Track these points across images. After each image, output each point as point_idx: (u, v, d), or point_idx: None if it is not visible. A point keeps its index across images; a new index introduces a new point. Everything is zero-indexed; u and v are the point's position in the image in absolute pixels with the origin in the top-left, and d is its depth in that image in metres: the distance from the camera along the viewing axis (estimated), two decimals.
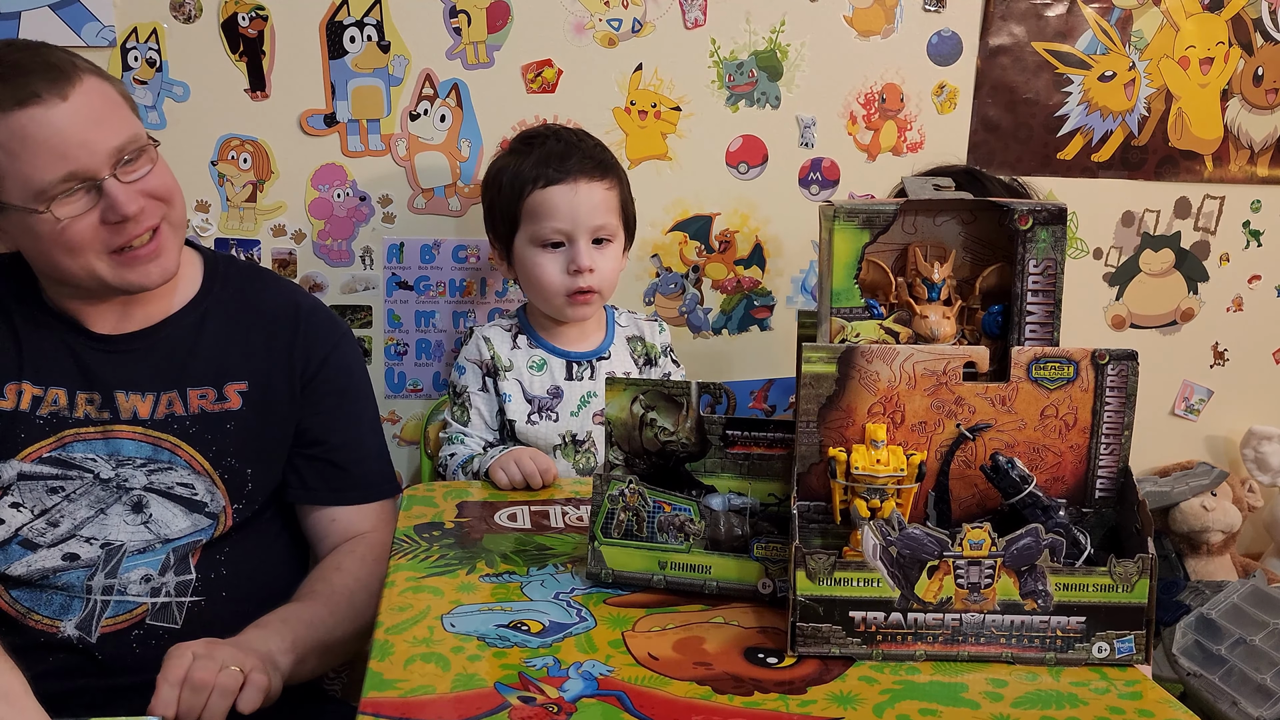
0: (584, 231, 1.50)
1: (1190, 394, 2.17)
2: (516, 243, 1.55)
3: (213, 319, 1.33)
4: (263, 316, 1.35)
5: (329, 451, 1.36)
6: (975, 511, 1.00)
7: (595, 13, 1.76)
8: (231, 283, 1.37)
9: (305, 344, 1.35)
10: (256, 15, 1.65)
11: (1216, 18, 1.99)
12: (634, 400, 1.07)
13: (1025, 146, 1.97)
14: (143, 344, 1.29)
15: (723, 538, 1.03)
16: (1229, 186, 2.08)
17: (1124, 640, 0.93)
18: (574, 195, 1.50)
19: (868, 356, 0.97)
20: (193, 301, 1.33)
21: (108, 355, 1.28)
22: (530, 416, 1.53)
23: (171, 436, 1.26)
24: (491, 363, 1.54)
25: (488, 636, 0.93)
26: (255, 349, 1.33)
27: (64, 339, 1.27)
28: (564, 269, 1.51)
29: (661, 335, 1.66)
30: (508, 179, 1.54)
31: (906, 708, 0.85)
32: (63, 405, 1.25)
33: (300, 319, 1.37)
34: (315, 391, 1.35)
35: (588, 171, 1.52)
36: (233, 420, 1.29)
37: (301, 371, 1.34)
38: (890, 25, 1.88)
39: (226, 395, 1.30)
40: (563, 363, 1.57)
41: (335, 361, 1.38)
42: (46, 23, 1.57)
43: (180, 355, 1.30)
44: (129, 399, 1.27)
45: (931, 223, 1.04)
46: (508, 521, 1.23)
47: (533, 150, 1.54)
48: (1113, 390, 0.97)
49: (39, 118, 1.13)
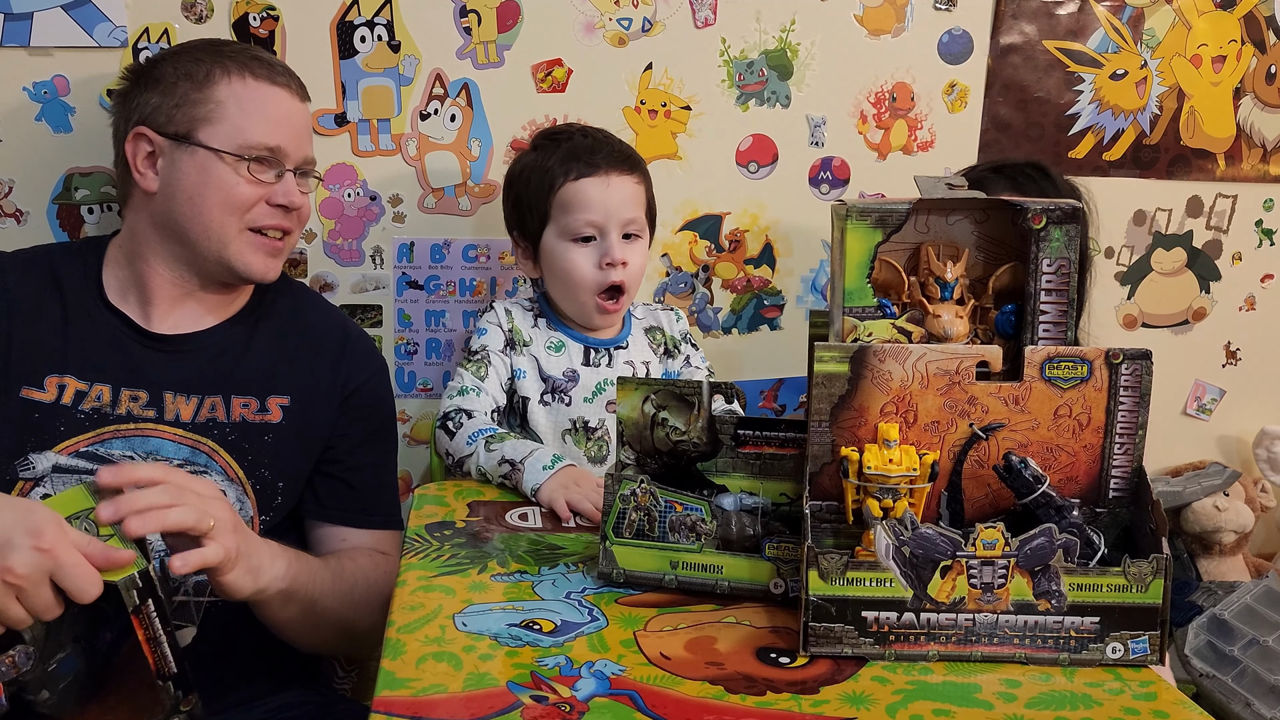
0: (616, 225, 1.50)
1: (1202, 394, 2.16)
2: (545, 238, 1.53)
3: (263, 331, 1.35)
4: (311, 335, 1.38)
5: (347, 472, 1.37)
6: (988, 511, 1.00)
7: (605, 12, 1.76)
8: (283, 298, 1.40)
9: (349, 367, 1.38)
10: (267, 15, 1.65)
11: (1229, 15, 1.98)
12: (645, 400, 1.07)
13: (1036, 145, 1.96)
14: (193, 346, 1.31)
15: (734, 537, 1.03)
16: (1241, 185, 2.07)
17: (1138, 641, 0.92)
18: (606, 188, 1.49)
19: (880, 356, 0.96)
20: (244, 311, 1.36)
21: (158, 354, 1.29)
22: (543, 396, 1.52)
23: (210, 441, 1.27)
24: (511, 334, 1.54)
25: (500, 636, 0.93)
26: (301, 366, 1.35)
27: (116, 335, 1.29)
28: (596, 263, 1.50)
29: (679, 324, 1.66)
30: (534, 174, 1.53)
31: (920, 708, 0.85)
32: (106, 402, 1.25)
33: (347, 343, 1.40)
34: (348, 414, 1.37)
35: (618, 165, 1.51)
36: (271, 433, 1.30)
37: (341, 392, 1.37)
38: (901, 24, 1.87)
39: (268, 407, 1.31)
40: (580, 348, 1.56)
41: (372, 388, 1.41)
42: (59, 24, 1.57)
43: (228, 362, 1.31)
44: (175, 400, 1.27)
45: (944, 222, 1.04)
46: (519, 521, 1.23)
47: (559, 145, 1.53)
48: (1126, 390, 0.97)
49: (278, 95, 1.32)
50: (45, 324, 1.27)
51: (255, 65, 1.30)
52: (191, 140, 1.27)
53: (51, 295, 1.29)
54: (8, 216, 1.63)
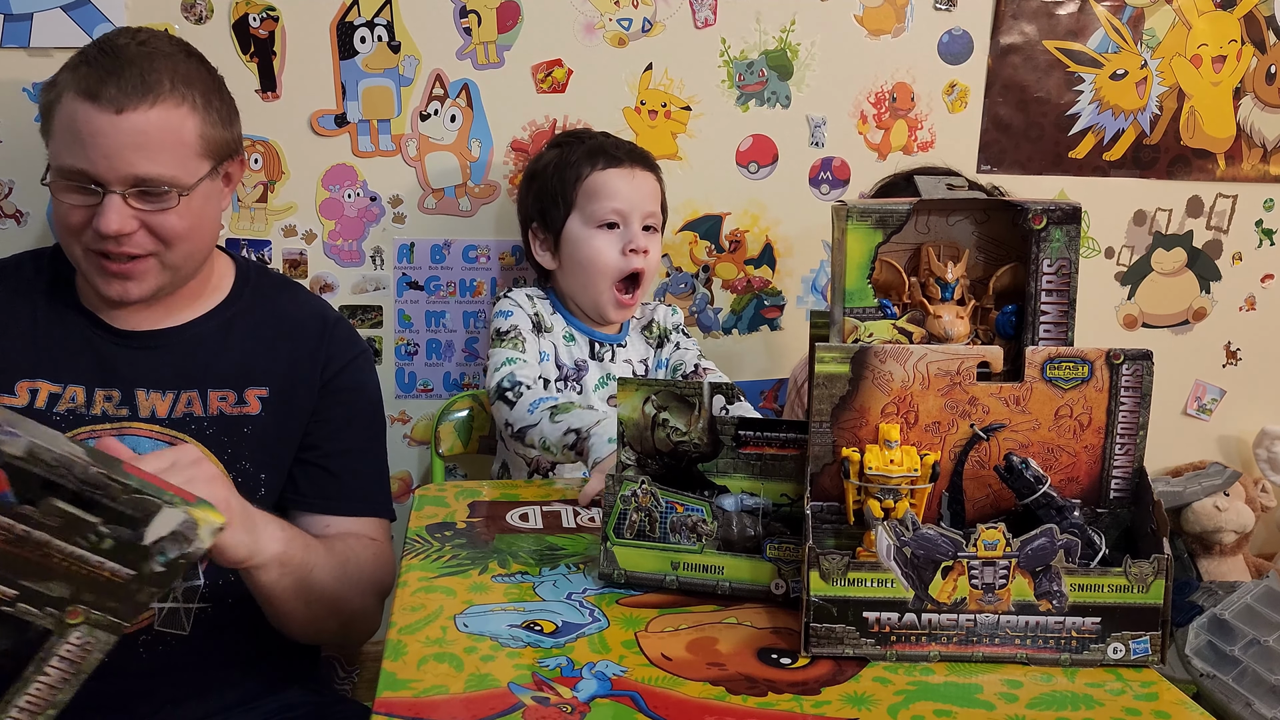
0: (638, 215, 1.56)
1: (1203, 394, 2.16)
2: (569, 227, 1.58)
3: (240, 324, 1.34)
4: (289, 324, 1.36)
5: (323, 458, 1.34)
6: (989, 512, 1.00)
7: (605, 12, 1.76)
8: (262, 291, 1.38)
9: (327, 352, 1.36)
10: (267, 16, 1.65)
11: (1229, 15, 1.98)
12: (646, 400, 1.07)
13: (1036, 145, 1.96)
14: (166, 342, 1.30)
15: (735, 538, 1.02)
16: (1241, 185, 2.07)
17: (1139, 641, 0.92)
18: (631, 179, 1.57)
19: (881, 357, 0.96)
20: (221, 306, 1.34)
21: (130, 351, 1.28)
22: (556, 383, 1.57)
23: (188, 437, 1.26)
24: (536, 317, 1.58)
25: (501, 637, 0.93)
26: (280, 355, 1.33)
27: (87, 335, 1.28)
28: (619, 249, 1.55)
29: (673, 316, 1.71)
30: (560, 167, 1.59)
31: (921, 709, 0.85)
32: (80, 403, 1.25)
33: (326, 329, 1.38)
34: (328, 399, 1.35)
35: (639, 161, 1.60)
36: (250, 424, 1.29)
37: (320, 378, 1.35)
38: (901, 24, 1.87)
39: (246, 399, 1.30)
40: (587, 340, 1.62)
41: (350, 374, 1.38)
42: (58, 24, 1.57)
43: (204, 356, 1.30)
44: (149, 397, 1.27)
45: (945, 222, 1.03)
46: (520, 522, 1.23)
47: (582, 143, 1.60)
48: (1127, 390, 0.97)
49: (84, 114, 1.17)
50: (16, 331, 1.27)
51: (90, 80, 1.18)
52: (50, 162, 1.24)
53: (23, 302, 1.29)
54: (7, 217, 1.63)
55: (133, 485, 0.85)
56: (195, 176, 1.23)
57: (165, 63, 1.20)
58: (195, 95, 1.22)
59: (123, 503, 0.85)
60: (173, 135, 1.20)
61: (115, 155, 1.17)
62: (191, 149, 1.22)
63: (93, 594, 0.87)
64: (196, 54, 1.28)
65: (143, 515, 0.86)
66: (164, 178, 1.20)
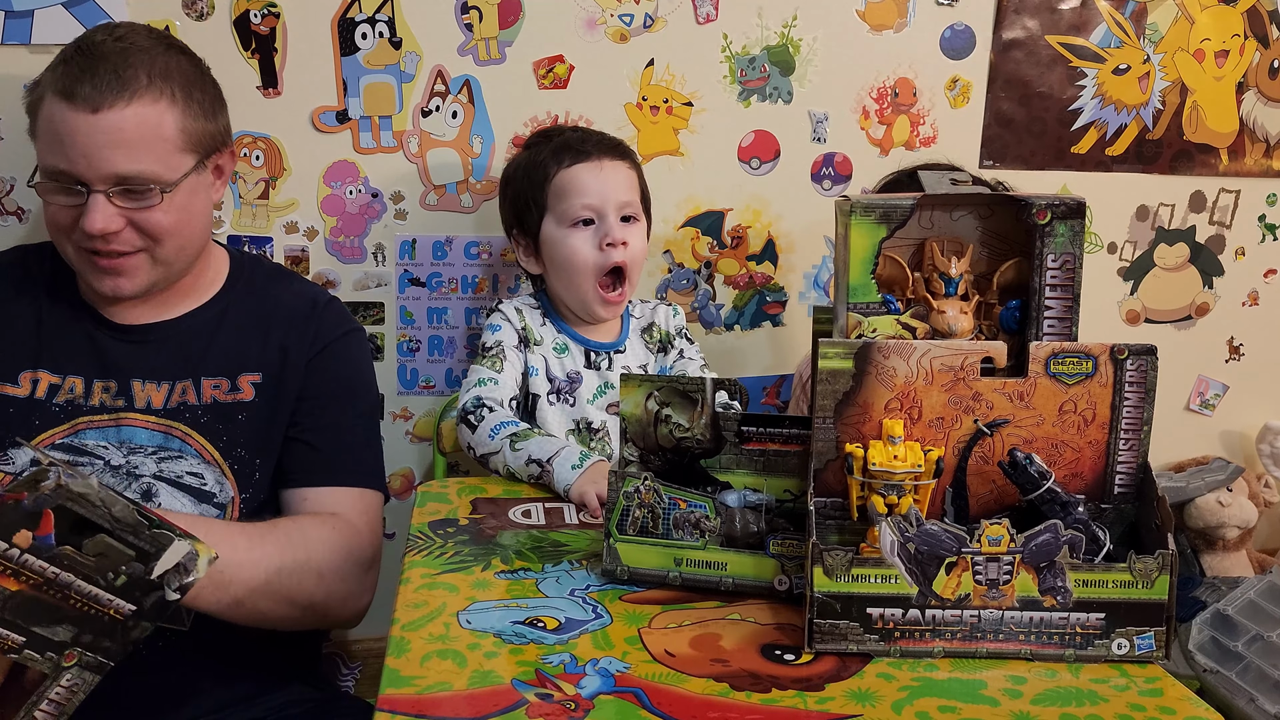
0: (612, 207, 1.52)
1: (1205, 389, 2.16)
2: (544, 229, 1.55)
3: (233, 314, 1.34)
4: (283, 311, 1.36)
5: (305, 433, 1.32)
6: (993, 508, 1.00)
7: (607, 8, 1.76)
8: (256, 282, 1.39)
9: (315, 331, 1.36)
10: (268, 12, 1.65)
11: (1232, 10, 1.97)
12: (649, 397, 1.07)
13: (1039, 140, 1.96)
14: (161, 334, 1.31)
15: (738, 534, 1.02)
16: (1244, 180, 2.07)
17: (1144, 637, 0.92)
18: (600, 171, 1.53)
19: (885, 352, 0.96)
20: (215, 298, 1.35)
21: (127, 344, 1.29)
22: (549, 396, 1.53)
23: (183, 425, 1.27)
24: (524, 331, 1.55)
25: (504, 633, 0.93)
26: (272, 340, 1.34)
27: (86, 328, 1.30)
28: (596, 245, 1.51)
29: (675, 319, 1.67)
30: (528, 169, 1.57)
31: (925, 704, 0.85)
32: (79, 393, 1.27)
33: (316, 311, 1.38)
34: (314, 374, 1.34)
35: (608, 151, 1.55)
36: (244, 411, 1.30)
37: (306, 355, 1.34)
38: (903, 19, 1.87)
39: (240, 386, 1.31)
40: (582, 350, 1.58)
41: (338, 349, 1.37)
42: (60, 21, 1.57)
43: (198, 346, 1.31)
44: (144, 388, 1.28)
45: (948, 217, 1.03)
46: (522, 518, 1.23)
47: (549, 141, 1.58)
48: (1131, 385, 0.97)
49: (62, 114, 1.17)
50: (20, 323, 1.29)
51: (67, 80, 1.18)
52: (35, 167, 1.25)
53: (26, 296, 1.31)
54: (9, 214, 1.63)
55: (155, 521, 0.89)
56: (179, 172, 1.23)
57: (142, 58, 1.20)
58: (174, 89, 1.21)
59: (145, 538, 0.88)
60: (152, 131, 1.20)
61: (95, 154, 1.17)
62: (172, 144, 1.22)
63: (92, 634, 0.90)
64: (178, 45, 1.27)
65: (155, 550, 0.89)
66: (145, 175, 1.20)
